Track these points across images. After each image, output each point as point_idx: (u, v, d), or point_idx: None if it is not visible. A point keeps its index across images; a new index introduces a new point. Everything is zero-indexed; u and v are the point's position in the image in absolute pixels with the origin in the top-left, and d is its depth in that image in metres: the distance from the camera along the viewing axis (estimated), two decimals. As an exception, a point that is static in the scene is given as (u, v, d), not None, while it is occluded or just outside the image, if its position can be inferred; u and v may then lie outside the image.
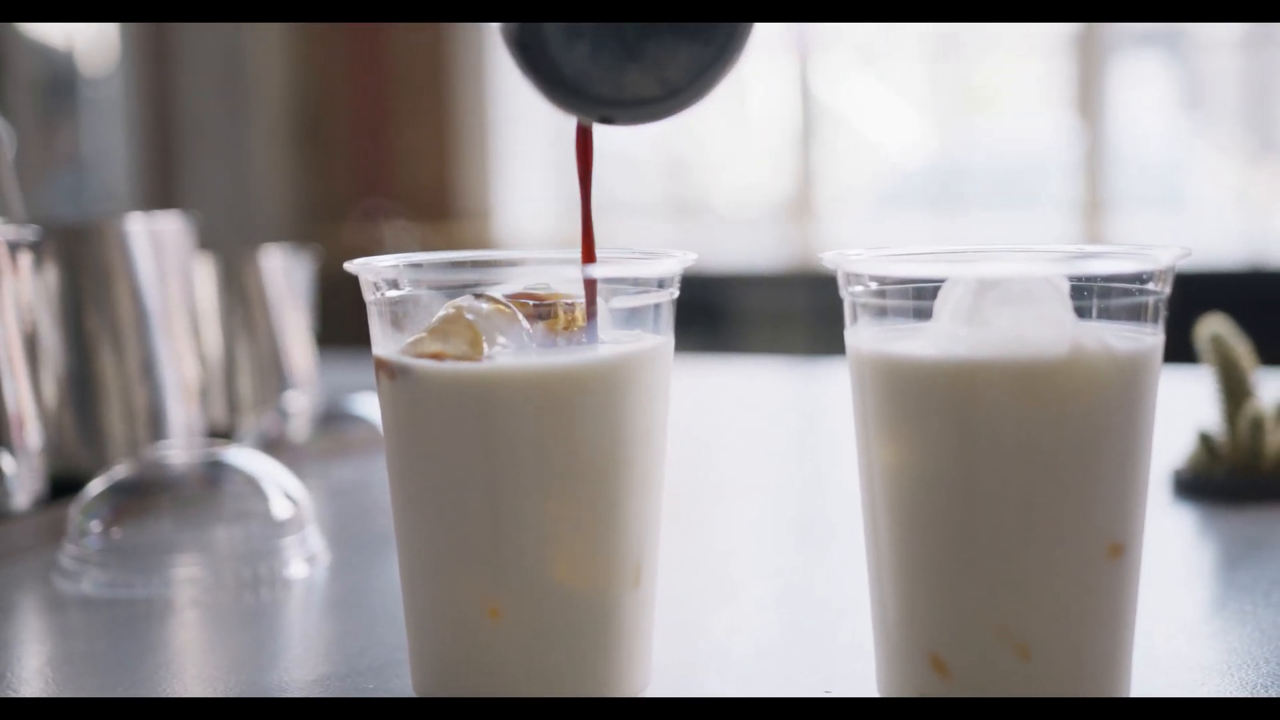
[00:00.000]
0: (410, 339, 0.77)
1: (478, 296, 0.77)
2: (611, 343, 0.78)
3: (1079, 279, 0.76)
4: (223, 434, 1.40)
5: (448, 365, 0.75)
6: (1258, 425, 1.20)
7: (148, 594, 1.03)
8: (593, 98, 0.75)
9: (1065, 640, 0.74)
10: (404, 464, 0.77)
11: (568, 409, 0.74)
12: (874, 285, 0.78)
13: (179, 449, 1.16)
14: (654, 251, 0.80)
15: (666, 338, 0.80)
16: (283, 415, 1.34)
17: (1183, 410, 1.39)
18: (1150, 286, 0.76)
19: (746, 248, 4.34)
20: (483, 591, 0.75)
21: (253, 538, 1.06)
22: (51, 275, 1.21)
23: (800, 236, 4.34)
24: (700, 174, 4.67)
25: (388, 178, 4.50)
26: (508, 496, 0.74)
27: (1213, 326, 1.23)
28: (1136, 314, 0.76)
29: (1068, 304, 0.75)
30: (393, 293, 0.79)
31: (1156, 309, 0.76)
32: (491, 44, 4.48)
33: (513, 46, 0.75)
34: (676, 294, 0.81)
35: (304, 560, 1.08)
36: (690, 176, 4.65)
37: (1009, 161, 4.57)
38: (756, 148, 4.55)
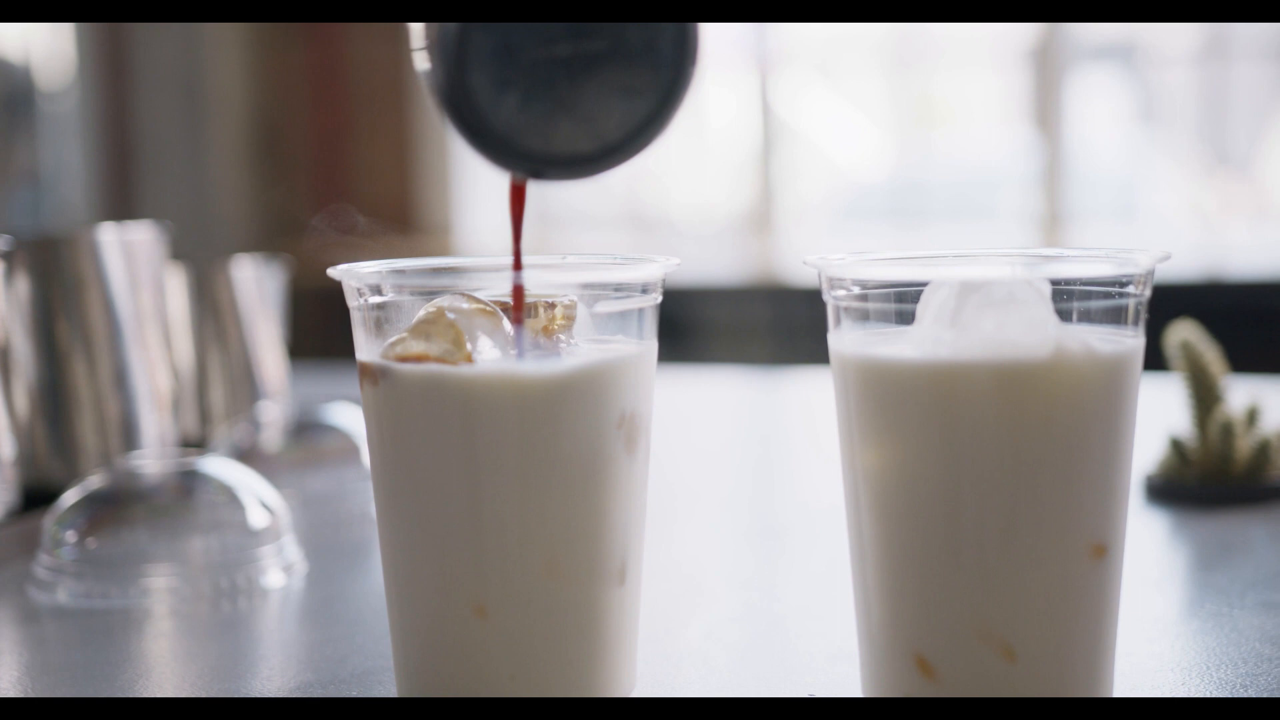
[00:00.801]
0: (392, 339, 0.77)
1: (459, 296, 0.77)
2: (595, 346, 0.79)
3: (1060, 282, 0.76)
4: (195, 444, 1.40)
5: (430, 368, 0.75)
6: (1228, 430, 1.21)
7: (124, 604, 1.02)
8: (521, 153, 0.72)
9: (1050, 641, 0.75)
10: (388, 467, 0.77)
11: (551, 412, 0.74)
12: (856, 289, 0.78)
13: (153, 459, 1.15)
14: (637, 256, 0.80)
15: (650, 342, 0.80)
16: (255, 425, 1.34)
17: (1153, 416, 1.40)
18: (1130, 289, 0.77)
19: (707, 261, 4.35)
20: (468, 591, 0.75)
21: (229, 547, 1.06)
22: (23, 285, 1.21)
23: (760, 250, 4.35)
24: (660, 187, 4.68)
25: (348, 192, 4.49)
26: (490, 498, 0.74)
27: (1182, 333, 1.24)
28: (1117, 316, 0.77)
29: (1050, 307, 0.75)
30: (375, 298, 0.79)
31: (1137, 311, 0.77)
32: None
33: (439, 98, 0.71)
34: (659, 299, 0.81)
35: (281, 569, 1.08)
36: (650, 190, 4.66)
37: (967, 174, 4.59)
38: (716, 161, 4.56)
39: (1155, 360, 1.28)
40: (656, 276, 0.80)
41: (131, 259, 1.24)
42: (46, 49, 4.68)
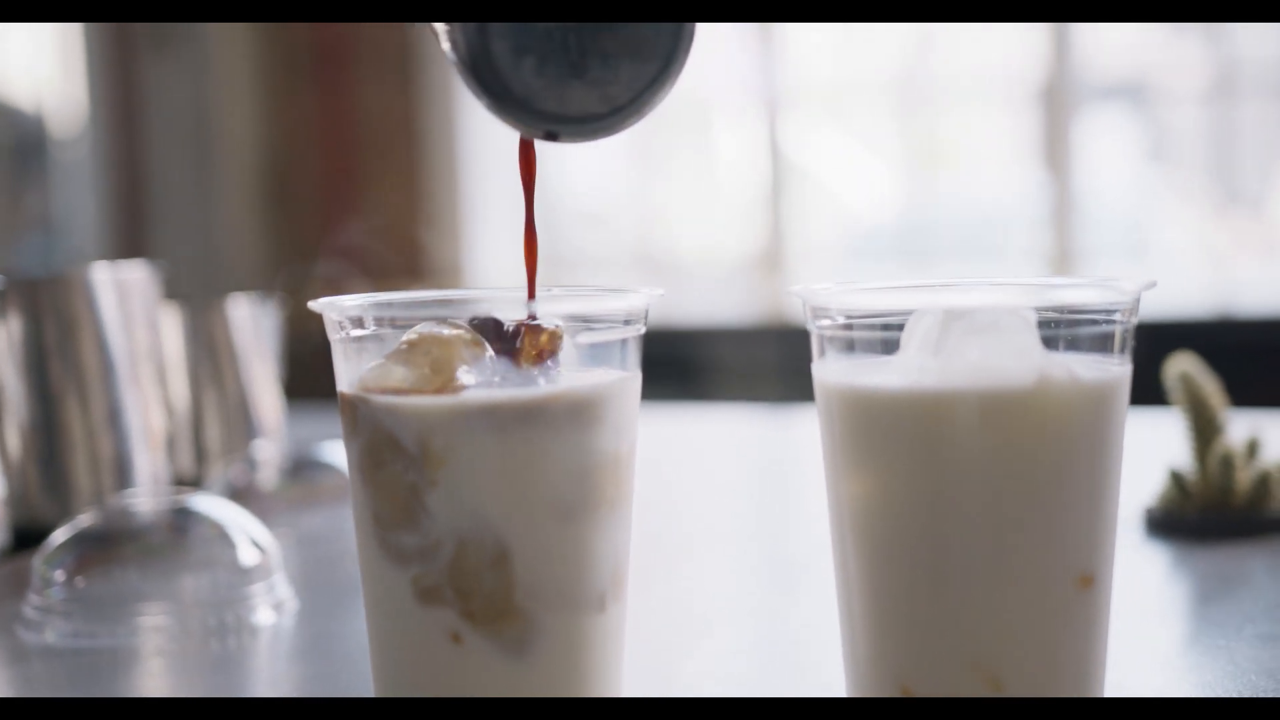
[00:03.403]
0: (372, 364, 0.77)
1: (441, 323, 0.77)
2: (577, 375, 0.78)
3: (1046, 310, 0.75)
4: (191, 483, 1.39)
5: (408, 399, 0.74)
6: (1228, 462, 1.20)
7: (113, 643, 1.02)
8: (538, 114, 0.76)
9: (1037, 673, 0.74)
10: (359, 499, 0.77)
11: (531, 440, 0.74)
12: (841, 319, 0.78)
13: (144, 497, 1.15)
14: (621, 288, 0.80)
15: (634, 372, 0.80)
16: (251, 464, 1.34)
17: (1153, 449, 1.39)
18: (1117, 317, 0.76)
19: (716, 302, 4.35)
20: (448, 618, 0.75)
21: (219, 585, 1.05)
22: (16, 325, 1.20)
23: (770, 290, 4.34)
24: (669, 229, 4.68)
25: (353, 228, 4.50)
26: (469, 527, 0.74)
27: (1181, 365, 1.23)
28: (1104, 344, 0.76)
29: (1035, 334, 0.75)
30: (357, 331, 0.79)
31: (1124, 339, 0.76)
32: (461, 101, 4.49)
33: (461, 63, 0.76)
34: (643, 330, 0.80)
35: (271, 607, 1.07)
36: (659, 231, 4.66)
37: (977, 214, 4.59)
38: (725, 202, 4.56)
39: (1155, 393, 1.27)
40: (639, 307, 0.79)
41: (125, 298, 1.24)
42: (58, 96, 4.70)
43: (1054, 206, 4.23)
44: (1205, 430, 1.22)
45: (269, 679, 0.99)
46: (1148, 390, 1.21)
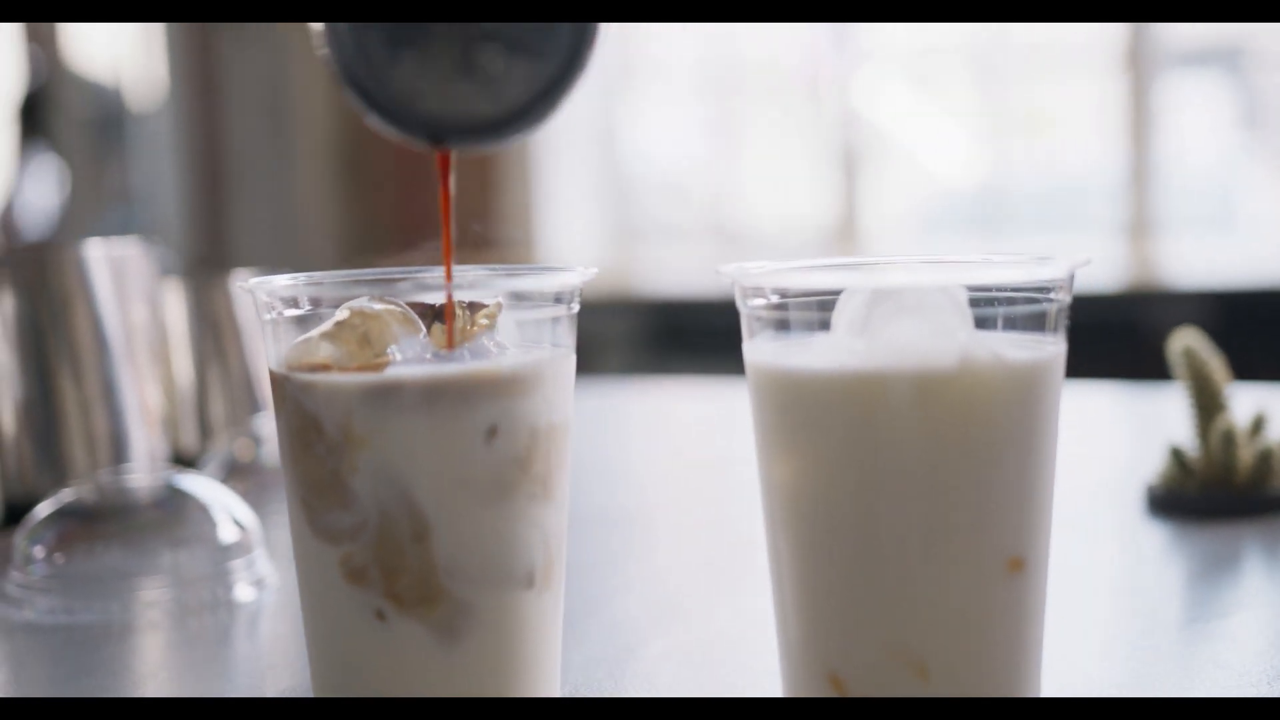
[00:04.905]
0: (300, 338, 0.76)
1: (373, 300, 0.76)
2: (501, 352, 0.77)
3: (978, 289, 0.74)
4: (193, 459, 1.40)
5: (328, 377, 0.74)
6: (1229, 439, 1.17)
7: (93, 619, 1.03)
8: (421, 117, 0.70)
9: (964, 658, 0.72)
10: (293, 476, 0.77)
11: (451, 418, 0.73)
12: (774, 298, 0.76)
13: (124, 474, 1.16)
14: (554, 266, 0.79)
15: (566, 350, 0.79)
16: (254, 439, 1.34)
17: (1156, 425, 1.37)
18: (1050, 295, 0.74)
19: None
20: (370, 596, 0.75)
21: (199, 561, 1.06)
22: (10, 301, 1.22)
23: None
24: (744, 199, 4.65)
25: (431, 206, 4.51)
26: (391, 506, 0.74)
27: (1185, 340, 1.21)
28: (1038, 323, 0.74)
29: (964, 314, 0.73)
30: (291, 311, 0.78)
31: (1058, 318, 0.75)
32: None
33: (336, 64, 0.70)
34: (576, 309, 0.80)
35: (251, 584, 1.07)
36: (735, 201, 4.64)
37: (1058, 182, 4.52)
38: (801, 172, 4.53)
39: (1160, 369, 1.25)
40: (571, 285, 0.78)
41: (120, 275, 1.25)
42: (138, 71, 4.75)
43: (1136, 174, 4.17)
44: (1208, 406, 1.19)
45: (250, 654, 1.00)
46: (1148, 365, 1.18)
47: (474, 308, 0.78)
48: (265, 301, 0.78)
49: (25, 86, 4.86)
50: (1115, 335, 3.44)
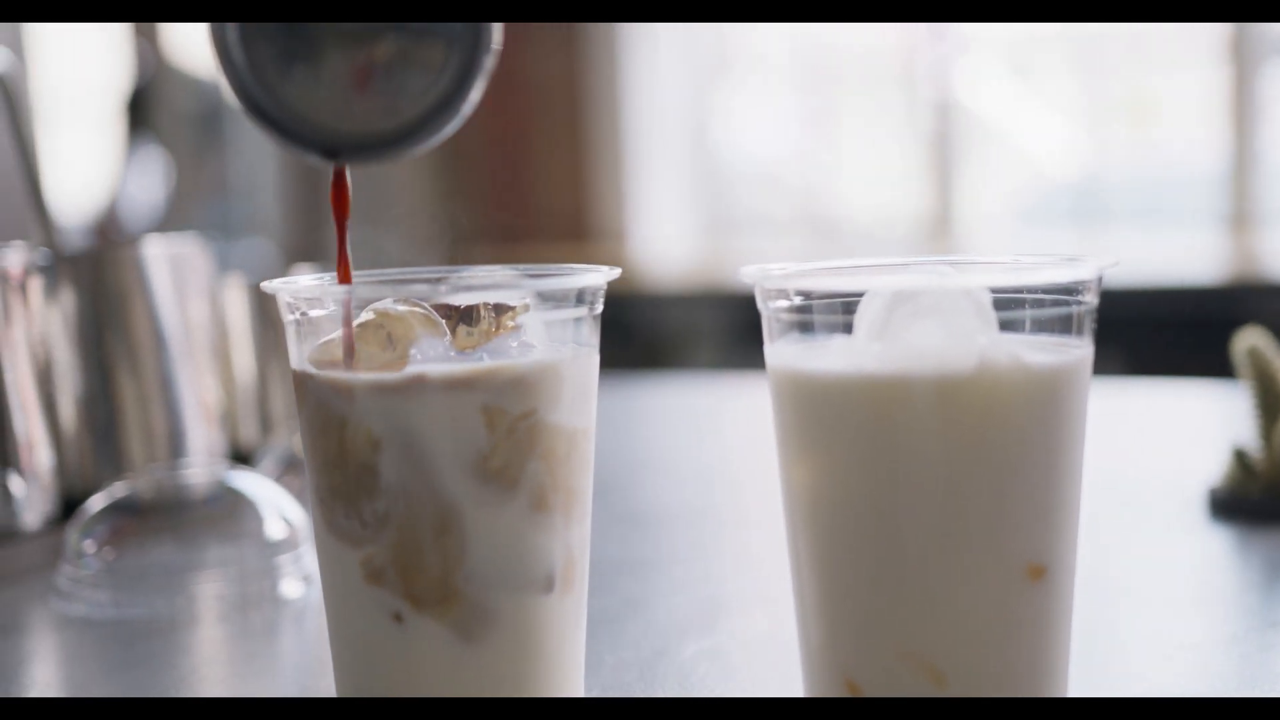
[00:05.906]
0: (324, 339, 0.76)
1: (397, 301, 0.76)
2: (525, 351, 0.77)
3: (1003, 291, 0.73)
4: (254, 454, 1.41)
5: (353, 375, 0.74)
6: (1293, 442, 1.14)
7: (141, 614, 1.04)
8: (312, 130, 0.69)
9: (981, 665, 0.71)
10: (316, 476, 0.77)
11: (471, 417, 0.73)
12: (797, 300, 0.75)
13: (176, 470, 1.17)
14: (576, 267, 0.79)
15: (589, 349, 0.78)
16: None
17: (1219, 427, 1.34)
18: (1077, 298, 0.73)
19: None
20: (389, 598, 0.75)
21: (247, 557, 1.06)
22: (69, 298, 1.23)
23: (938, 253, 4.27)
24: (838, 191, 4.63)
25: (525, 200, 4.53)
26: (411, 508, 0.74)
27: (1250, 339, 1.18)
28: (1063, 326, 0.73)
29: (986, 316, 0.72)
30: (315, 312, 0.79)
31: (1083, 320, 0.73)
32: (627, 65, 4.49)
33: (224, 71, 0.68)
34: (600, 309, 0.79)
35: (299, 579, 1.08)
36: (828, 193, 4.61)
37: (1159, 175, 4.45)
38: (895, 164, 4.50)
39: (1225, 368, 1.22)
40: (594, 285, 0.78)
41: (179, 271, 1.26)
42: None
43: (1238, 166, 4.10)
44: (1273, 407, 1.17)
45: (297, 649, 1.00)
46: (1216, 365, 1.15)
47: (500, 309, 0.78)
48: (289, 303, 0.79)
49: (133, 82, 4.92)
50: (1216, 329, 3.38)
